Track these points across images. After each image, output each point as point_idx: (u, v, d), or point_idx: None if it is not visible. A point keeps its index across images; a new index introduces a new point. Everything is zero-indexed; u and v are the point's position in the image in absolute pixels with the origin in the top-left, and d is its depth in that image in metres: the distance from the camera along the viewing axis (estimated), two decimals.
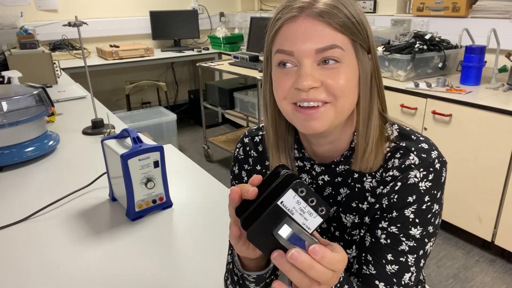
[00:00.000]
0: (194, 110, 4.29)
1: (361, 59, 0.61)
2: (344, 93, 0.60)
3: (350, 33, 0.59)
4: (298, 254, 0.44)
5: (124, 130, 1.04)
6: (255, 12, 4.44)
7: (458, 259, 2.13)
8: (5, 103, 1.31)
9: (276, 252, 0.46)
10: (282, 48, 0.60)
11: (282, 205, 0.45)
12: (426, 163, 0.62)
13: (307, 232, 0.46)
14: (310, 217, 0.46)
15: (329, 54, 0.58)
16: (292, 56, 0.59)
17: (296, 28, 0.58)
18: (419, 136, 0.66)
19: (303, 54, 0.58)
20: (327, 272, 0.45)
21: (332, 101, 0.60)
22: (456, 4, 2.50)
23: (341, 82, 0.59)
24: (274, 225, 0.46)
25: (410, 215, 0.62)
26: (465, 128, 2.01)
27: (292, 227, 0.45)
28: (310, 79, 0.58)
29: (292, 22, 0.59)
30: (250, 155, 0.78)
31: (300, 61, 0.59)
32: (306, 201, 0.45)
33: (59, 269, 0.86)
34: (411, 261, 0.63)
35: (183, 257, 0.90)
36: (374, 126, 0.64)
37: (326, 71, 0.59)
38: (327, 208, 0.46)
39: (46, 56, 2.39)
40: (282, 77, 0.61)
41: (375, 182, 0.67)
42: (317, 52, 0.58)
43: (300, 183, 0.45)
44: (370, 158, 0.64)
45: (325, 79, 0.58)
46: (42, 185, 1.23)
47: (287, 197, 0.45)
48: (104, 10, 3.87)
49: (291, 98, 0.61)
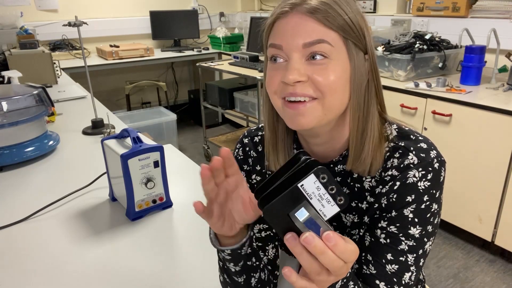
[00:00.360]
0: (194, 110, 4.29)
1: (353, 58, 0.61)
2: (331, 90, 0.59)
3: (342, 30, 0.59)
4: (312, 238, 0.44)
5: (124, 130, 1.04)
6: (255, 12, 4.44)
7: (458, 259, 2.13)
8: (5, 103, 1.31)
9: (290, 234, 0.46)
10: (273, 42, 0.61)
11: (302, 188, 0.45)
12: (425, 163, 0.62)
13: (323, 219, 0.46)
14: (327, 204, 0.46)
15: (317, 49, 0.58)
16: (281, 50, 0.60)
17: (287, 22, 0.59)
18: (418, 135, 0.66)
19: (291, 48, 0.59)
20: (338, 261, 0.45)
21: (319, 97, 0.59)
22: (456, 4, 2.50)
23: (329, 78, 0.59)
24: (291, 206, 0.46)
25: (409, 215, 0.62)
26: (465, 128, 2.01)
27: (310, 211, 0.46)
28: (296, 73, 0.58)
29: (284, 17, 0.60)
30: (250, 155, 0.78)
31: (288, 55, 0.59)
32: (326, 188, 0.46)
33: (59, 269, 0.86)
34: (411, 261, 0.63)
35: (183, 257, 0.90)
36: (372, 129, 0.63)
37: (314, 66, 0.59)
38: (345, 198, 0.46)
39: (46, 56, 2.39)
40: (273, 72, 0.62)
41: (374, 182, 0.66)
42: (304, 46, 0.58)
43: (322, 169, 0.45)
44: (367, 161, 0.63)
45: (311, 74, 0.59)
46: (42, 185, 1.23)
47: (308, 181, 0.45)
48: (104, 10, 3.87)
49: (280, 92, 0.62)
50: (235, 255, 0.64)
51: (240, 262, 0.66)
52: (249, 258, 0.67)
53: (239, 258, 0.65)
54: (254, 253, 0.69)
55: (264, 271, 0.73)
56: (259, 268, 0.70)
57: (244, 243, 0.63)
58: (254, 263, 0.69)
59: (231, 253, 0.64)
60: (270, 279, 0.75)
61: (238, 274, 0.68)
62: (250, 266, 0.68)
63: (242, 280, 0.69)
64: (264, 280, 0.73)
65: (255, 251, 0.69)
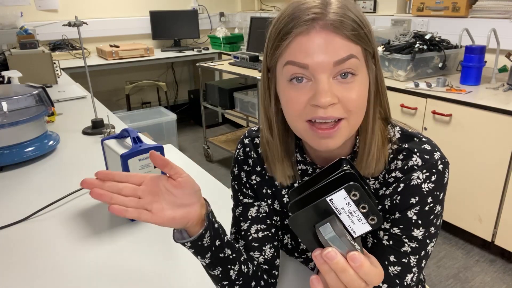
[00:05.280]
0: (194, 110, 4.29)
1: (371, 68, 0.60)
2: (358, 108, 0.58)
3: (362, 42, 0.57)
4: (335, 254, 0.43)
5: (124, 130, 1.04)
6: (255, 12, 4.44)
7: (458, 259, 2.13)
8: (5, 103, 1.31)
9: (318, 250, 0.45)
10: (295, 60, 0.56)
11: (331, 202, 0.44)
12: (429, 164, 0.62)
13: (351, 237, 0.44)
14: (358, 222, 0.44)
15: (347, 66, 0.55)
16: (306, 69, 0.56)
17: (310, 40, 0.55)
18: (422, 137, 0.65)
19: (319, 68, 0.55)
20: (359, 281, 0.44)
21: (346, 117, 0.57)
22: (456, 4, 2.50)
23: (357, 96, 0.57)
24: (318, 218, 0.45)
25: (413, 217, 0.62)
26: (465, 128, 2.01)
27: (335, 229, 0.44)
28: (330, 95, 0.55)
29: (305, 35, 0.55)
30: (250, 156, 0.78)
31: (315, 75, 0.56)
32: (358, 205, 0.44)
33: (59, 269, 0.86)
34: (413, 262, 0.62)
35: (183, 257, 0.90)
36: (377, 131, 0.63)
37: (343, 85, 0.56)
38: (379, 218, 0.44)
39: (46, 56, 2.39)
40: (294, 93, 0.58)
41: (378, 184, 0.66)
42: (335, 64, 0.55)
43: (355, 186, 0.43)
44: (372, 163, 0.63)
45: (341, 94, 0.56)
46: (42, 185, 1.23)
47: (337, 196, 0.44)
48: (104, 10, 3.87)
49: (306, 115, 0.58)
50: (197, 247, 0.63)
51: (206, 254, 0.65)
52: (219, 250, 0.66)
53: (204, 250, 0.64)
54: (228, 245, 0.68)
55: (247, 264, 0.72)
56: (237, 260, 0.70)
57: (203, 234, 0.63)
58: (229, 256, 0.68)
59: (191, 245, 0.63)
60: (259, 276, 0.75)
61: (210, 267, 0.68)
62: (223, 258, 0.67)
63: (218, 272, 0.68)
64: (246, 274, 0.72)
65: (229, 243, 0.69)
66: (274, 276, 0.78)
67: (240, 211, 0.78)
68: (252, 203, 0.78)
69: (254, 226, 0.76)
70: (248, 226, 0.76)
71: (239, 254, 0.71)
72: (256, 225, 0.77)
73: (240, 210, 0.78)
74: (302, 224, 0.45)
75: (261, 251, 0.76)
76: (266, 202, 0.78)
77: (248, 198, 0.78)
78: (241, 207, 0.78)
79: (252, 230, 0.76)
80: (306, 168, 0.72)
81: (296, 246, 0.80)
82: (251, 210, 0.77)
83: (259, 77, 2.72)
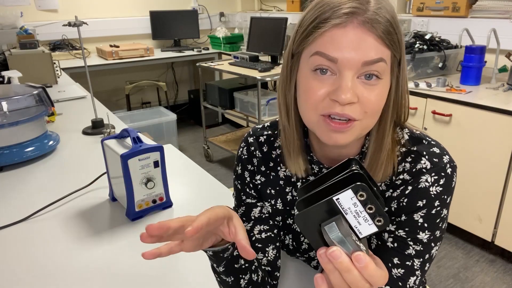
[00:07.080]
0: (194, 110, 4.29)
1: (395, 74, 0.59)
2: (374, 111, 0.57)
3: (393, 47, 0.56)
4: (339, 254, 0.43)
5: (124, 130, 1.04)
6: (255, 12, 4.44)
7: (458, 259, 2.13)
8: (5, 103, 1.31)
9: (323, 249, 0.45)
10: (325, 52, 0.54)
11: (338, 202, 0.44)
12: (438, 168, 0.61)
13: (357, 237, 0.44)
14: (364, 222, 0.44)
15: (375, 68, 0.54)
16: (334, 63, 0.54)
17: (344, 34, 0.53)
18: (430, 140, 0.65)
19: (348, 64, 0.54)
20: (363, 282, 0.43)
21: (361, 119, 0.57)
22: (456, 4, 2.50)
23: (376, 100, 0.56)
24: (324, 217, 0.44)
25: (419, 220, 0.61)
26: (465, 128, 2.01)
27: (340, 229, 0.44)
28: (351, 93, 0.54)
29: (341, 28, 0.53)
30: (255, 155, 0.76)
31: (341, 71, 0.54)
32: (364, 206, 0.43)
33: (59, 269, 0.86)
34: (417, 265, 0.62)
35: (183, 257, 0.90)
36: (388, 138, 0.62)
37: (366, 86, 0.55)
38: (385, 219, 0.44)
39: (46, 56, 2.39)
40: (315, 83, 0.57)
41: (385, 186, 0.66)
42: (364, 64, 0.54)
43: (362, 186, 0.43)
44: (381, 169, 0.62)
45: (361, 95, 0.55)
46: (42, 185, 1.23)
47: (344, 196, 0.43)
48: (104, 10, 3.87)
49: (322, 109, 0.57)
50: (217, 257, 0.64)
51: (222, 263, 0.65)
52: (235, 261, 0.66)
53: (221, 259, 0.64)
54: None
55: (257, 272, 0.72)
56: (249, 270, 0.70)
57: (228, 249, 0.63)
58: (242, 265, 0.68)
59: (213, 254, 0.64)
60: (266, 281, 0.74)
61: (224, 274, 0.68)
62: (237, 268, 0.67)
63: (230, 280, 0.69)
64: (256, 282, 0.71)
65: None
66: (276, 278, 0.77)
67: (242, 211, 0.77)
68: (255, 204, 0.77)
69: (257, 227, 0.76)
70: (251, 227, 0.76)
71: (251, 263, 0.70)
72: (259, 226, 0.76)
73: (242, 210, 0.77)
74: (308, 222, 0.45)
75: (264, 252, 0.76)
76: (269, 203, 0.77)
77: (251, 198, 0.77)
78: (243, 207, 0.77)
79: (255, 231, 0.76)
80: (312, 167, 0.71)
81: (297, 247, 0.80)
82: (254, 211, 0.76)
83: (259, 77, 2.72)
